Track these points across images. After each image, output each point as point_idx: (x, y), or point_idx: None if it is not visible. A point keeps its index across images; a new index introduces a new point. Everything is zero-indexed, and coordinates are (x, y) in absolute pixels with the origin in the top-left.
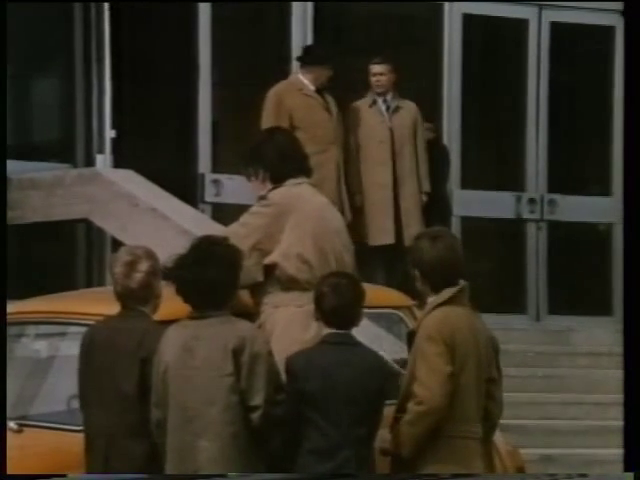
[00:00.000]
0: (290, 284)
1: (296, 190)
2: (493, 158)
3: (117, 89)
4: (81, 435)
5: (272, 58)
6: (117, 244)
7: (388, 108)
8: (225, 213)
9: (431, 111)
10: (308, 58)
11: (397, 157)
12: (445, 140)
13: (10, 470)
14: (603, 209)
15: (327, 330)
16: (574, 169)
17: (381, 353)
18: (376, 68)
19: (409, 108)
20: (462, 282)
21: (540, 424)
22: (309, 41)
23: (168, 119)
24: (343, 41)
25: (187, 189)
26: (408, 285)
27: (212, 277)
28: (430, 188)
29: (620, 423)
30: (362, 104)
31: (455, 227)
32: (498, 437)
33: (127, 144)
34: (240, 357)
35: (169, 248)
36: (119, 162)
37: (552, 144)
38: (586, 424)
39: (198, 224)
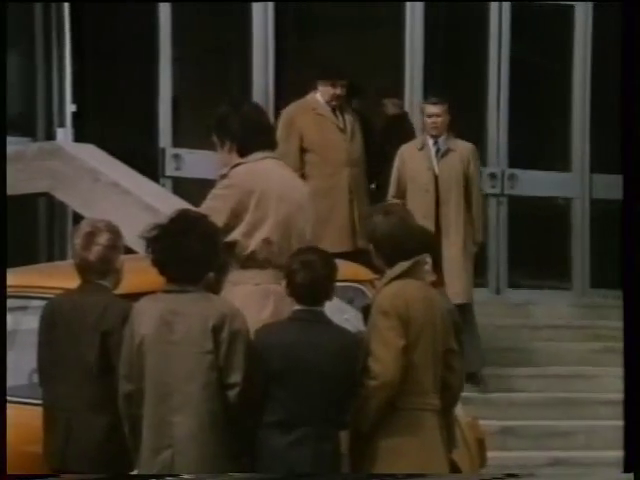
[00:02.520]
0: (249, 262)
1: (259, 166)
2: (455, 133)
3: (78, 63)
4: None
5: (233, 34)
6: (79, 218)
7: (438, 152)
8: (186, 187)
9: (395, 87)
10: (322, 74)
11: (441, 206)
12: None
13: None
14: (563, 184)
15: (297, 307)
16: (534, 145)
17: (347, 326)
18: (432, 109)
19: (462, 150)
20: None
21: (500, 396)
22: (270, 19)
23: (129, 93)
24: (305, 21)
25: (148, 163)
26: None
27: (193, 250)
28: (482, 238)
29: (580, 395)
30: (412, 147)
31: None
32: (458, 409)
33: (88, 118)
34: (220, 334)
35: (131, 223)
36: (80, 136)
37: (513, 120)
38: (546, 396)
39: (159, 199)
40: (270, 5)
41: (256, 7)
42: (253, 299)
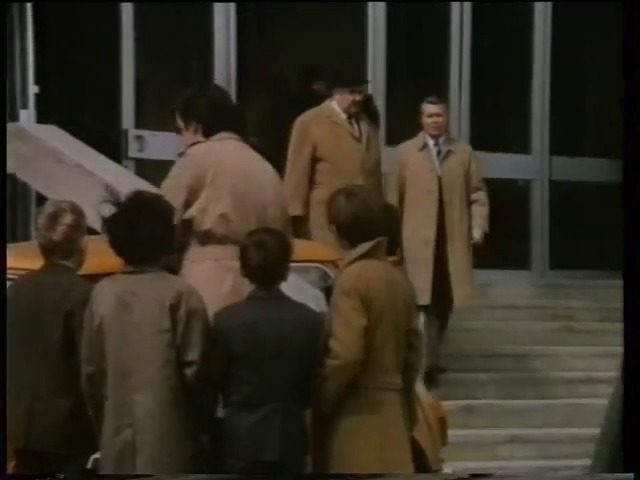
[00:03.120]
0: (206, 238)
1: (217, 145)
2: (418, 118)
3: (40, 45)
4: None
5: (195, 18)
6: (42, 199)
7: (439, 153)
8: (148, 169)
9: (358, 70)
10: (334, 79)
11: (446, 208)
12: None
13: None
14: (522, 166)
15: (253, 286)
16: (495, 127)
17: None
18: (432, 108)
19: (461, 152)
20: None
21: (460, 376)
22: (232, 3)
23: (91, 75)
24: (266, 5)
25: (110, 145)
26: None
27: (148, 231)
28: (481, 236)
29: (538, 374)
30: (411, 146)
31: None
32: (420, 389)
33: (51, 100)
34: (177, 313)
35: (94, 204)
36: (42, 117)
37: (474, 103)
38: (504, 376)
39: (122, 180)
40: None
41: None
42: (212, 275)
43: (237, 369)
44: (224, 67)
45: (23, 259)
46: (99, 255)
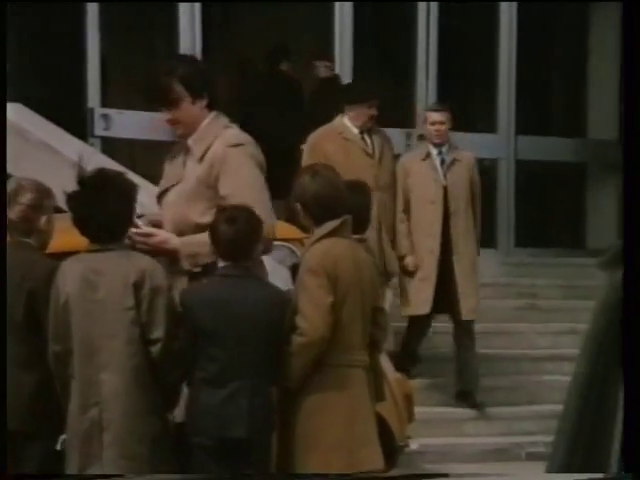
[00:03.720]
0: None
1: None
2: (386, 97)
3: (4, 22)
4: None
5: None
6: (7, 176)
7: (443, 162)
8: (114, 147)
9: (325, 50)
10: (348, 96)
11: (451, 218)
12: None
13: None
14: (489, 145)
15: (223, 263)
16: (462, 107)
17: (277, 284)
18: (434, 116)
19: (466, 160)
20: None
21: (427, 353)
22: None
23: (57, 54)
24: None
25: (77, 123)
26: None
27: (111, 209)
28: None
29: (502, 351)
30: (413, 156)
31: None
32: (386, 366)
33: (16, 79)
34: (141, 290)
35: (61, 182)
36: (8, 96)
37: (441, 83)
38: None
39: (88, 157)
40: None
41: None
42: None
43: (204, 346)
44: (189, 46)
45: None
46: (65, 233)
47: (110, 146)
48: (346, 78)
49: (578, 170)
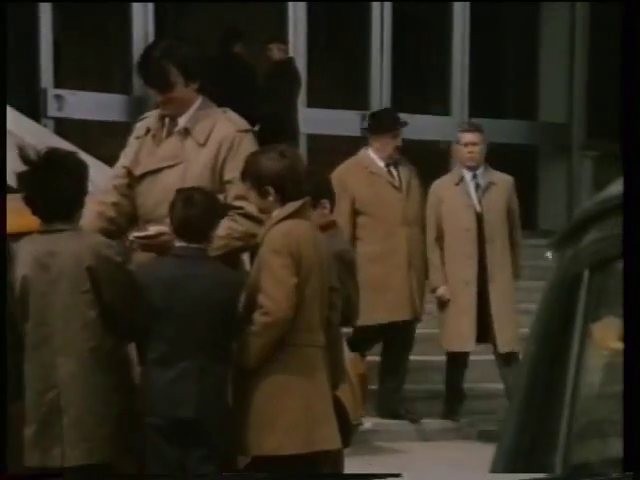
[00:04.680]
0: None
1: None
2: (339, 79)
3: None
4: None
5: None
6: None
7: (478, 187)
8: (67, 128)
9: (279, 33)
10: (371, 126)
11: (487, 245)
12: None
13: None
14: (443, 128)
15: (179, 243)
16: (416, 90)
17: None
18: (467, 137)
19: (503, 184)
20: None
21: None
22: None
23: (10, 36)
24: None
25: (30, 104)
26: None
27: (61, 188)
28: (518, 275)
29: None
30: (447, 182)
31: (302, 144)
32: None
33: None
34: (97, 272)
35: (13, 163)
36: None
37: (395, 66)
38: (422, 332)
39: (41, 138)
40: None
41: None
42: None
43: (154, 324)
44: (141, 28)
45: None
46: (19, 214)
47: (63, 127)
48: (300, 60)
49: (529, 152)
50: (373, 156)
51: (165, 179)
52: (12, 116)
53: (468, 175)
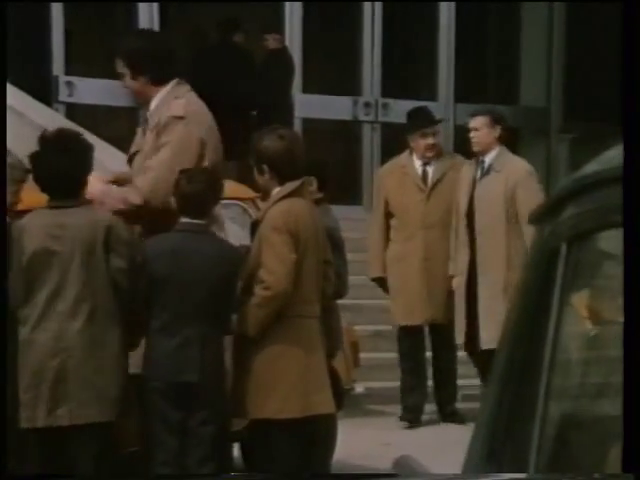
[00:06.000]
0: None
1: (195, 98)
2: (332, 66)
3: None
4: None
5: None
6: None
7: (483, 172)
8: (77, 112)
9: (276, 22)
10: (406, 127)
11: (478, 236)
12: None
13: None
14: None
15: (182, 219)
16: (405, 77)
17: (229, 240)
18: (471, 122)
19: (509, 170)
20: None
21: (372, 303)
22: None
23: (24, 25)
24: None
25: (42, 90)
26: None
27: (68, 165)
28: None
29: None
30: (466, 166)
31: (297, 128)
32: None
33: None
34: (106, 243)
35: (25, 144)
36: None
37: (385, 54)
38: None
39: (53, 121)
40: None
41: None
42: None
43: (159, 295)
44: (147, 17)
45: None
46: (29, 192)
47: (73, 111)
48: (295, 49)
49: (511, 134)
50: (412, 156)
51: (135, 164)
52: (26, 100)
53: (474, 161)
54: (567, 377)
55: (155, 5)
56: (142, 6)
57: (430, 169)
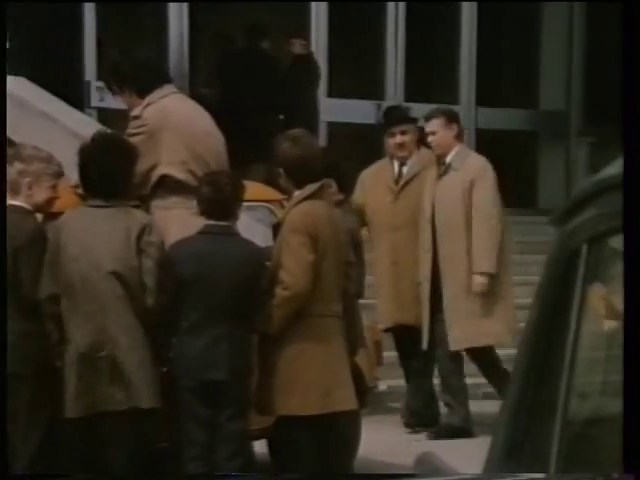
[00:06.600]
0: (179, 189)
1: (165, 103)
2: (357, 71)
3: (4, 22)
4: None
5: None
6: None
7: (443, 172)
8: (109, 117)
9: (302, 28)
10: (384, 123)
11: (438, 239)
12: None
13: None
14: None
15: (206, 222)
16: (427, 81)
17: (256, 241)
18: (427, 127)
19: (467, 169)
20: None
21: None
22: None
23: (57, 32)
24: None
25: (75, 95)
26: None
27: (112, 166)
28: (491, 268)
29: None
30: (430, 170)
31: (322, 131)
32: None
33: (20, 54)
34: (139, 242)
35: (58, 147)
36: (13, 71)
37: (408, 60)
38: None
39: (85, 126)
40: None
41: None
42: (188, 221)
43: (186, 296)
44: (177, 23)
45: None
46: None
47: (105, 116)
48: (320, 54)
49: (531, 138)
50: (390, 158)
51: None
52: (59, 106)
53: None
54: (588, 376)
55: (185, 11)
56: (172, 12)
57: (405, 170)
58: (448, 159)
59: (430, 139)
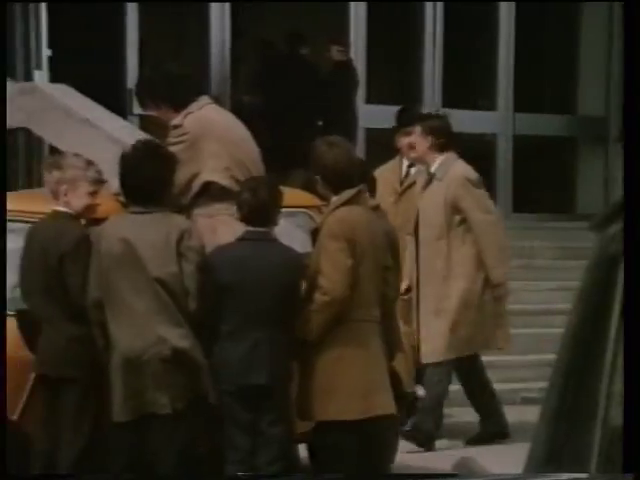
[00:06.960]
0: (223, 195)
1: (204, 112)
2: (395, 77)
3: (52, 11)
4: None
5: None
6: (54, 150)
7: (427, 182)
8: (151, 124)
9: (341, 31)
10: (396, 123)
11: (420, 248)
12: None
13: None
14: (489, 122)
15: (247, 228)
16: (465, 88)
17: (295, 247)
18: (409, 136)
19: (449, 177)
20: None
21: None
22: None
23: (100, 39)
24: None
25: (117, 102)
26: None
27: (152, 173)
28: (499, 278)
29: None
30: (418, 180)
31: (360, 138)
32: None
33: (62, 61)
34: (179, 247)
35: (101, 154)
36: (55, 77)
37: (446, 64)
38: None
39: (127, 133)
40: None
41: None
42: (231, 226)
43: (227, 301)
44: (219, 30)
45: (37, 203)
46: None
47: (147, 123)
48: (359, 60)
49: (569, 144)
50: (400, 158)
51: None
52: (101, 113)
53: (422, 170)
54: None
55: (227, 17)
56: (214, 18)
57: (412, 171)
58: (432, 169)
59: (409, 151)
